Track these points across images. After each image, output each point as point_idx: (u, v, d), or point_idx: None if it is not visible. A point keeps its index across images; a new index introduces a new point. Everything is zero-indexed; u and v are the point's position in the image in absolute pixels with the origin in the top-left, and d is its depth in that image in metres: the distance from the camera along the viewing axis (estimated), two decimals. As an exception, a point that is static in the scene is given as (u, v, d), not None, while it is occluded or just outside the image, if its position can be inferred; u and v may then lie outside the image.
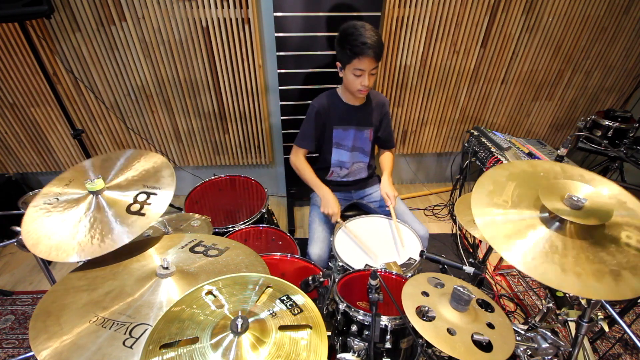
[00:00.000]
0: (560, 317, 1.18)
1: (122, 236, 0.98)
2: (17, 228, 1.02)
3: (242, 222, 1.64)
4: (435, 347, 1.00)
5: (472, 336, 0.90)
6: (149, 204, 1.05)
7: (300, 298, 0.84)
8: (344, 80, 1.63)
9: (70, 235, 0.97)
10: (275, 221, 1.89)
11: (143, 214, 1.02)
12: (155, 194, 1.07)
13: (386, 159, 1.89)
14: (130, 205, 1.04)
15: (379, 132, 1.84)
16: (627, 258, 0.79)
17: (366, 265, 1.41)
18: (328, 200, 1.65)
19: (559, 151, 1.73)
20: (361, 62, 1.49)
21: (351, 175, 1.88)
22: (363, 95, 1.64)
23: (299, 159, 1.76)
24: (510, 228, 0.88)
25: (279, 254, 1.44)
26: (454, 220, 2.68)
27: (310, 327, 0.76)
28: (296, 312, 0.80)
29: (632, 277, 0.76)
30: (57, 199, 1.06)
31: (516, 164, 1.05)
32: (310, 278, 1.09)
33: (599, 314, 1.02)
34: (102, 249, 0.95)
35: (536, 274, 0.79)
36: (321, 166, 1.88)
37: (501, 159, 2.09)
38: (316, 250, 1.59)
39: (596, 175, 0.97)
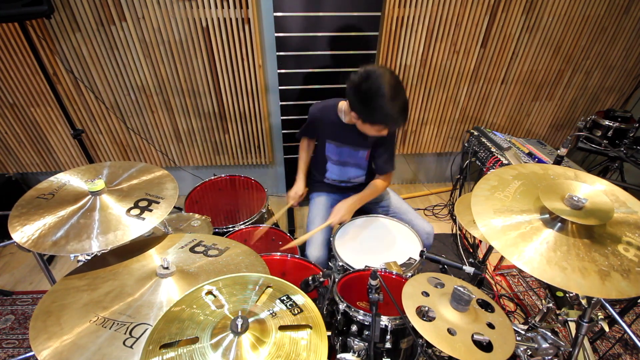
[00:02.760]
0: (560, 317, 1.18)
1: (118, 237, 0.97)
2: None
3: (242, 222, 1.64)
4: (435, 347, 1.00)
5: (472, 336, 0.90)
6: (150, 210, 1.05)
7: (300, 298, 0.84)
8: (353, 118, 1.46)
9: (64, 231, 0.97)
10: (275, 221, 1.89)
11: (143, 219, 1.03)
12: (158, 202, 1.08)
13: (370, 185, 1.70)
14: (131, 209, 1.05)
15: (375, 154, 1.70)
16: (621, 261, 0.80)
17: (366, 265, 1.41)
18: (294, 188, 1.77)
19: (559, 151, 1.72)
20: (381, 130, 1.42)
21: (349, 182, 1.85)
22: None
23: (301, 143, 1.84)
24: (499, 210, 0.90)
25: (279, 254, 1.44)
26: (454, 220, 2.68)
27: (310, 327, 0.76)
28: (296, 312, 0.80)
29: (621, 280, 0.77)
30: (53, 194, 1.07)
31: (528, 166, 1.07)
32: (310, 278, 1.09)
33: (599, 314, 1.02)
34: (96, 246, 0.95)
35: (526, 267, 0.81)
36: (318, 168, 1.84)
37: (501, 159, 2.09)
38: (314, 252, 1.58)
39: (614, 185, 0.97)
